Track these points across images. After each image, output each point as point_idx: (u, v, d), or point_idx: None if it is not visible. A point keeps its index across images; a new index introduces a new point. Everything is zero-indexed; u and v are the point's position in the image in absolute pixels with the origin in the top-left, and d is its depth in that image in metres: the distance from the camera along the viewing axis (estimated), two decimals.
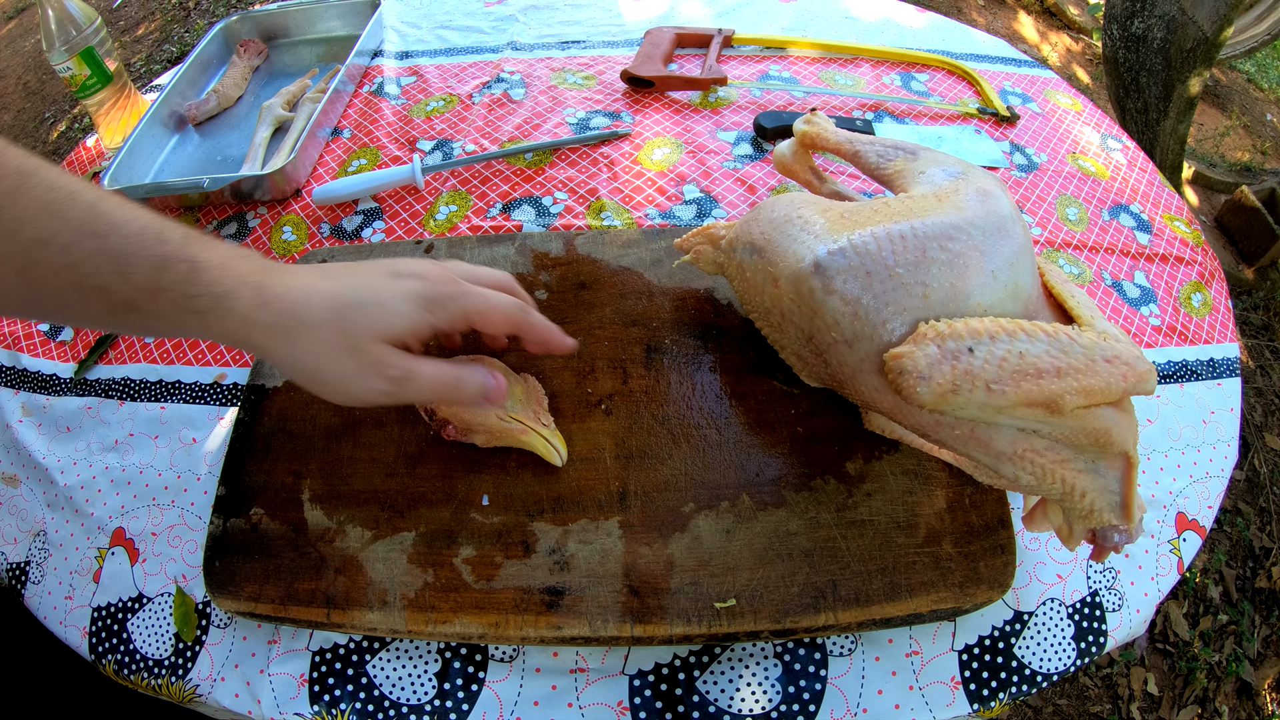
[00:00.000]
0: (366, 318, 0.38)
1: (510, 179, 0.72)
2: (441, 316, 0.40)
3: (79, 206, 0.37)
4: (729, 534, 0.45)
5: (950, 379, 0.36)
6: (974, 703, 0.44)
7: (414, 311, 0.39)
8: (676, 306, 0.55)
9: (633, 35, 0.90)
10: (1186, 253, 0.68)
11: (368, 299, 0.39)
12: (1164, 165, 1.51)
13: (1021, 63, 0.88)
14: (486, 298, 0.42)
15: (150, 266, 0.37)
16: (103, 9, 2.73)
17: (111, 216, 0.37)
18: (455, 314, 0.41)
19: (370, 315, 0.39)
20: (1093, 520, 0.38)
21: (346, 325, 0.38)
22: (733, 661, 0.45)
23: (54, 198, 0.36)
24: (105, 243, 0.36)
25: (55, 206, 0.36)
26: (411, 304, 0.39)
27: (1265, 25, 2.04)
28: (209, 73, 0.88)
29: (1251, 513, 1.34)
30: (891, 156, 0.50)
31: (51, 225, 0.36)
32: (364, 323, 0.38)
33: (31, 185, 0.36)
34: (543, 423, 0.48)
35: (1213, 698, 1.14)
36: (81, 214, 0.37)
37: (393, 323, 0.39)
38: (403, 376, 0.39)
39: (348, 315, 0.38)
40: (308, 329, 0.38)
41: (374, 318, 0.39)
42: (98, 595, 0.51)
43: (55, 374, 0.62)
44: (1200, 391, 0.58)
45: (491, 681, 0.45)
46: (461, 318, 0.41)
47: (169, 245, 0.37)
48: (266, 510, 0.48)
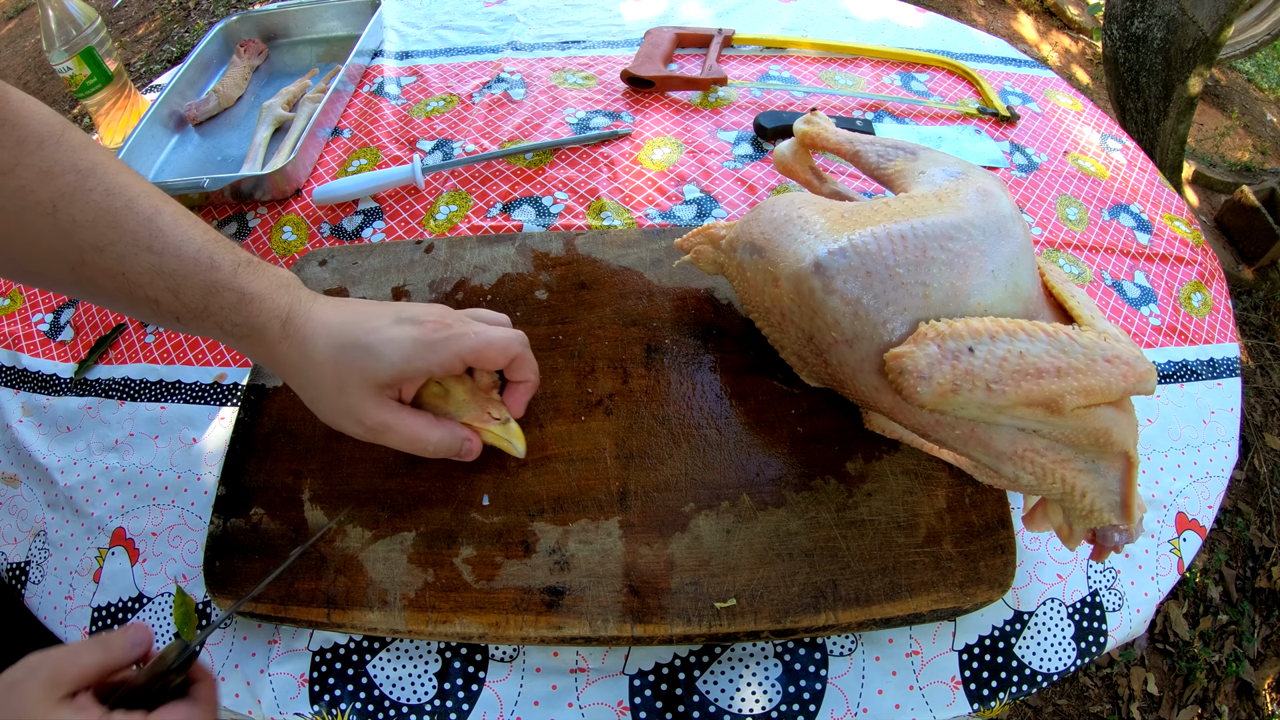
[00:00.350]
0: (357, 363, 0.41)
1: (510, 179, 0.72)
2: (434, 361, 0.42)
3: (137, 218, 0.38)
4: (729, 534, 0.45)
5: (950, 379, 0.36)
6: (974, 703, 0.44)
7: (402, 360, 0.41)
8: (676, 306, 0.55)
9: (633, 35, 0.90)
10: (1186, 253, 0.68)
11: (363, 343, 0.41)
12: (1164, 165, 1.51)
13: (1021, 63, 0.88)
14: (479, 335, 0.43)
15: (201, 292, 0.39)
16: (103, 9, 2.73)
17: (168, 235, 0.38)
18: (448, 356, 0.42)
19: (360, 361, 0.41)
20: (1093, 520, 0.38)
21: (340, 368, 0.40)
22: (733, 661, 0.45)
23: (112, 205, 0.37)
24: (161, 260, 0.38)
25: (113, 215, 0.37)
26: (402, 351, 0.41)
27: (1265, 25, 2.04)
28: (209, 73, 0.88)
29: (1251, 513, 1.34)
30: (891, 156, 0.50)
31: (108, 234, 0.37)
32: (355, 367, 0.41)
33: (90, 187, 0.37)
34: (492, 416, 0.46)
35: (1213, 698, 1.14)
36: (138, 227, 0.38)
37: (379, 370, 0.41)
38: (377, 429, 0.41)
39: (342, 358, 0.41)
40: (313, 364, 0.41)
41: (363, 365, 0.40)
42: (98, 595, 0.51)
43: (55, 374, 0.62)
44: (1200, 391, 0.58)
45: (492, 681, 0.45)
46: (455, 360, 0.42)
47: (220, 273, 0.39)
48: (267, 510, 0.48)
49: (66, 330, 0.65)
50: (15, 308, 0.68)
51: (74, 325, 0.65)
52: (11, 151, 0.36)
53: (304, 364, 0.41)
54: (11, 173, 0.36)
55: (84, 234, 0.37)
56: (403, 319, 0.42)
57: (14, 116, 0.36)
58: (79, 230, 0.37)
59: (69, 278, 0.38)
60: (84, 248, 0.37)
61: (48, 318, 0.67)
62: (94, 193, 0.37)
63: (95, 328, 0.65)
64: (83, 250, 0.37)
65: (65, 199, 0.36)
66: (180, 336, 0.63)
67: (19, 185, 0.36)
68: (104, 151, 0.39)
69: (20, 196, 0.36)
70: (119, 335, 0.64)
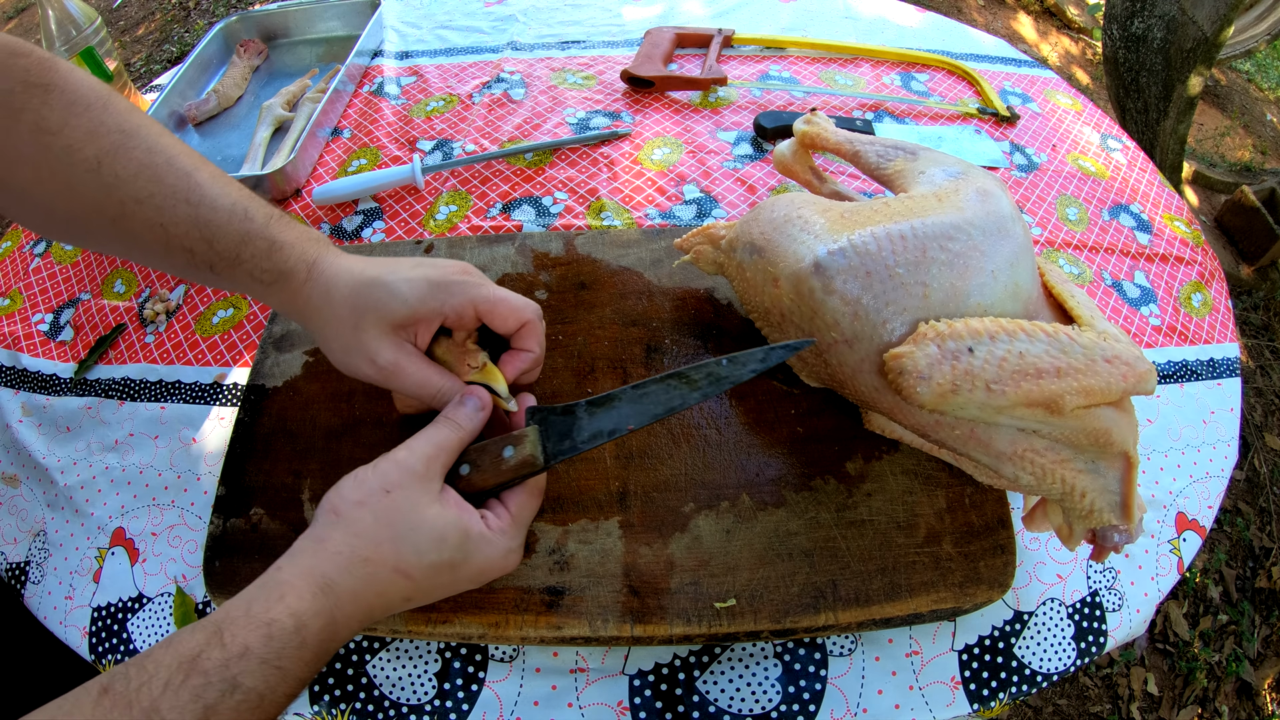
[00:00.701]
0: (374, 299, 0.41)
1: (510, 179, 0.72)
2: (448, 303, 0.42)
3: (176, 173, 0.40)
4: (729, 534, 0.45)
5: (950, 379, 0.36)
6: (974, 703, 0.44)
7: (417, 297, 0.41)
8: (676, 306, 0.55)
9: (633, 35, 0.90)
10: (1186, 253, 0.68)
11: (382, 280, 0.42)
12: (1164, 165, 1.51)
13: (1021, 63, 0.88)
14: (500, 290, 0.44)
15: (234, 240, 0.41)
16: (103, 9, 2.73)
17: (205, 189, 0.41)
18: (463, 302, 0.42)
19: (377, 298, 0.41)
20: (1093, 520, 0.38)
21: (357, 305, 0.41)
22: (733, 661, 0.45)
23: (153, 161, 0.40)
24: (197, 212, 0.40)
25: (154, 170, 0.40)
26: (418, 290, 0.42)
27: (1265, 25, 2.04)
28: (209, 73, 0.88)
29: (1251, 513, 1.34)
30: (891, 156, 0.50)
31: (148, 188, 0.40)
32: (372, 303, 0.41)
33: (132, 146, 0.40)
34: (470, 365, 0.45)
35: (1213, 698, 1.14)
36: (177, 181, 0.40)
37: (395, 308, 0.41)
38: (389, 368, 0.42)
39: (361, 295, 0.41)
40: (331, 304, 0.42)
41: (379, 301, 0.41)
42: (98, 595, 0.51)
43: (55, 374, 0.62)
44: (1200, 391, 0.58)
45: (491, 681, 0.45)
46: (469, 305, 0.42)
47: (253, 223, 0.41)
48: (267, 510, 0.48)
49: (66, 330, 0.65)
50: (15, 308, 0.68)
51: (74, 325, 0.65)
52: (61, 114, 0.38)
53: (323, 304, 0.42)
54: (60, 133, 0.38)
55: (126, 188, 0.39)
56: (423, 264, 0.44)
57: (63, 83, 0.39)
58: (121, 184, 0.39)
59: (109, 230, 0.40)
60: (125, 200, 0.39)
61: (48, 318, 0.67)
62: (136, 150, 0.40)
63: (95, 328, 0.65)
64: (124, 203, 0.39)
65: (109, 156, 0.39)
66: (180, 336, 0.63)
67: (66, 144, 0.38)
68: (147, 117, 0.42)
69: (68, 155, 0.38)
70: (119, 335, 0.64)
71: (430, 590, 0.37)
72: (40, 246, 0.73)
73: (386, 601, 0.36)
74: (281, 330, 0.56)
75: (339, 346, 0.42)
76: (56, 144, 0.38)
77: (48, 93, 0.38)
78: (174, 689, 0.29)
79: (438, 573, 0.36)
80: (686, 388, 0.38)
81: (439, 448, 0.39)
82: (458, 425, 0.40)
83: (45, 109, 0.38)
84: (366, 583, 0.35)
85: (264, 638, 0.31)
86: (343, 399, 0.52)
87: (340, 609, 0.34)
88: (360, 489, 0.36)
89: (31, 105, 0.38)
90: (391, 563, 0.35)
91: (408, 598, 0.36)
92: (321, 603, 0.33)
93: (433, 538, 0.36)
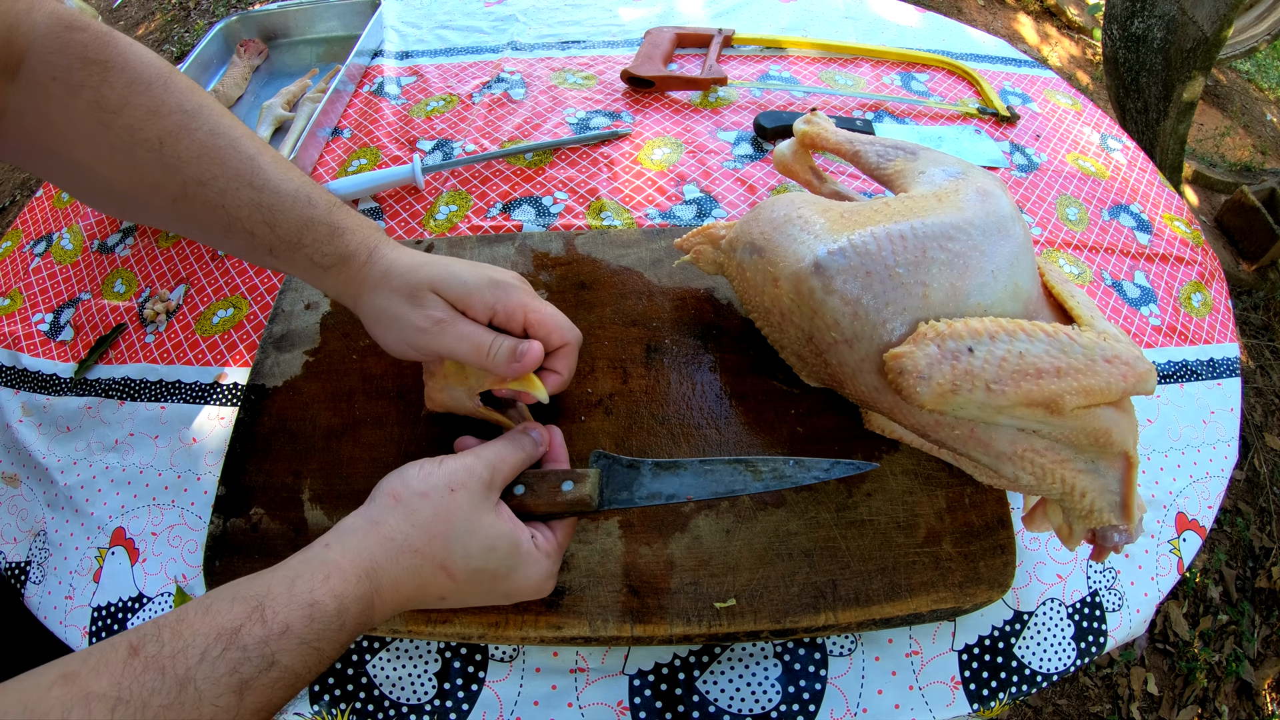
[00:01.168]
0: (433, 276, 0.42)
1: (510, 179, 0.72)
2: (501, 300, 0.43)
3: (239, 156, 0.41)
4: (729, 534, 0.45)
5: (950, 379, 0.36)
6: (974, 703, 0.44)
7: (477, 284, 0.42)
8: (676, 306, 0.55)
9: (633, 35, 0.90)
10: (1186, 253, 0.68)
11: (441, 263, 0.43)
12: (1164, 165, 1.51)
13: (1021, 63, 0.88)
14: (551, 307, 0.44)
15: (297, 225, 0.42)
16: (103, 9, 2.73)
17: (268, 173, 0.41)
18: (515, 305, 0.43)
19: (437, 275, 0.42)
20: (1093, 520, 0.38)
21: (415, 277, 0.42)
22: (733, 661, 0.45)
23: (216, 143, 0.40)
24: (260, 196, 0.41)
25: (218, 153, 0.40)
26: (478, 278, 0.43)
27: (1265, 25, 2.04)
28: (209, 73, 0.88)
29: (1251, 513, 1.34)
30: (891, 156, 0.50)
31: (211, 170, 0.40)
32: (429, 275, 0.42)
33: (195, 127, 0.40)
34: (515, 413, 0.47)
35: (1213, 698, 1.14)
36: (241, 164, 0.41)
37: (453, 284, 0.42)
38: (444, 319, 0.42)
39: (419, 271, 0.42)
40: (388, 281, 0.43)
41: (438, 278, 0.42)
42: (98, 595, 0.51)
43: (55, 374, 0.62)
44: (1200, 391, 0.58)
45: (491, 681, 0.45)
46: (520, 309, 0.43)
47: (316, 209, 0.42)
48: (267, 510, 0.48)
49: (66, 330, 0.65)
50: (15, 308, 0.68)
51: (74, 325, 0.65)
52: (121, 92, 0.38)
53: (381, 281, 0.43)
54: (120, 112, 0.38)
55: (188, 169, 0.40)
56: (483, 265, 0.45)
57: (122, 60, 0.39)
58: (183, 165, 0.39)
59: (169, 210, 0.41)
60: (187, 181, 0.40)
61: (48, 318, 0.67)
62: (199, 131, 0.40)
63: (95, 328, 0.65)
64: (185, 184, 0.40)
65: (172, 136, 0.39)
66: (180, 336, 0.63)
67: (127, 124, 0.38)
68: (207, 96, 0.42)
69: (129, 134, 0.38)
70: (119, 335, 0.64)
71: (467, 595, 0.37)
72: (40, 246, 0.73)
73: (424, 595, 0.36)
74: (281, 330, 0.56)
75: (390, 313, 0.42)
76: (117, 122, 0.38)
77: (107, 70, 0.38)
78: (211, 660, 0.28)
79: (480, 579, 0.36)
80: (750, 476, 0.39)
81: (505, 462, 0.39)
82: (523, 447, 0.41)
83: (105, 87, 0.38)
84: (411, 574, 0.35)
85: (306, 618, 0.31)
86: (343, 399, 0.52)
87: (380, 595, 0.34)
88: (426, 481, 0.37)
89: (90, 82, 0.38)
90: (440, 559, 0.35)
91: (443, 596, 0.36)
92: (365, 587, 0.33)
93: (484, 544, 0.36)
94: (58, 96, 0.37)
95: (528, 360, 0.42)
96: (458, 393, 0.45)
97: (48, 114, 0.38)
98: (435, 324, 0.42)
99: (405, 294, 0.42)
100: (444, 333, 0.42)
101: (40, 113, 0.38)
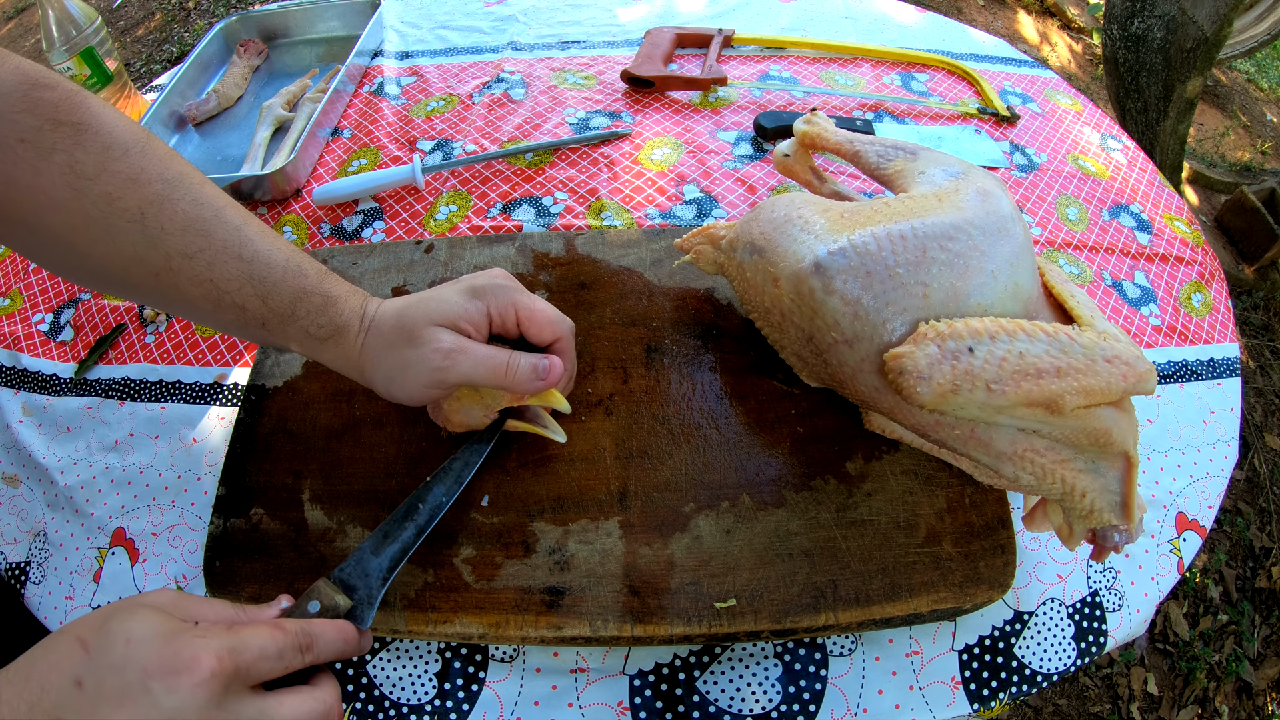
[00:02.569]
0: (422, 310, 0.42)
1: (510, 179, 0.72)
2: (491, 302, 0.42)
3: (225, 228, 0.39)
4: (729, 534, 0.45)
5: (950, 379, 0.36)
6: (974, 703, 0.44)
7: (465, 299, 0.42)
8: (676, 306, 0.55)
9: (633, 35, 0.90)
10: (1186, 253, 0.68)
11: (424, 296, 0.42)
12: (1164, 165, 1.51)
13: (1021, 63, 0.88)
14: (540, 301, 0.44)
15: (290, 297, 0.40)
16: (103, 9, 2.73)
17: (256, 244, 0.40)
18: (505, 304, 0.43)
19: (424, 308, 0.42)
20: (1093, 520, 0.38)
21: (405, 320, 0.41)
22: (733, 661, 0.45)
23: (200, 214, 0.39)
24: (251, 268, 0.39)
25: (202, 224, 0.39)
26: (464, 294, 0.42)
27: (1265, 25, 2.04)
28: (209, 73, 0.88)
29: (1251, 513, 1.34)
30: (891, 156, 0.50)
31: (197, 242, 0.38)
32: (419, 313, 0.41)
33: (178, 197, 0.38)
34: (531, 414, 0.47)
35: (1213, 698, 1.14)
36: (228, 236, 0.39)
37: (443, 309, 0.41)
38: (454, 349, 0.41)
39: (407, 313, 0.42)
40: (383, 336, 0.42)
41: (427, 308, 0.42)
42: (98, 595, 0.51)
43: (55, 374, 0.62)
44: (1200, 391, 0.58)
45: (492, 681, 0.45)
46: (511, 308, 0.43)
47: (308, 280, 0.41)
48: (267, 510, 0.48)
49: (66, 330, 0.65)
50: (15, 308, 0.68)
51: (74, 325, 0.65)
52: (97, 157, 0.36)
53: (376, 340, 0.42)
54: (97, 178, 0.36)
55: (172, 241, 0.38)
56: (463, 279, 0.44)
57: (96, 122, 0.37)
58: (167, 238, 0.38)
59: (151, 284, 0.39)
60: (171, 254, 0.38)
61: (48, 318, 0.67)
62: (182, 202, 0.38)
63: (95, 328, 0.65)
64: (170, 257, 0.38)
65: (154, 206, 0.37)
66: (180, 336, 0.63)
67: (105, 191, 0.36)
68: (187, 164, 0.40)
69: (107, 203, 0.36)
70: (119, 335, 0.64)
71: None
72: None
73: None
74: None
75: (397, 365, 0.41)
76: (94, 190, 0.36)
77: (79, 132, 0.36)
78: None
79: None
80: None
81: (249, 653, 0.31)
82: (283, 638, 0.32)
83: (79, 150, 0.36)
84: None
85: None
86: (343, 399, 0.52)
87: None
88: None
89: (63, 146, 0.35)
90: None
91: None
92: None
93: None
94: (26, 160, 0.35)
95: (551, 377, 0.42)
96: (474, 411, 0.46)
97: (15, 178, 0.35)
98: (446, 356, 0.40)
99: (405, 340, 0.41)
100: (459, 361, 0.40)
101: (7, 177, 0.35)
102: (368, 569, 0.38)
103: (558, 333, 0.44)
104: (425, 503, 0.42)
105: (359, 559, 0.39)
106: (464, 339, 0.41)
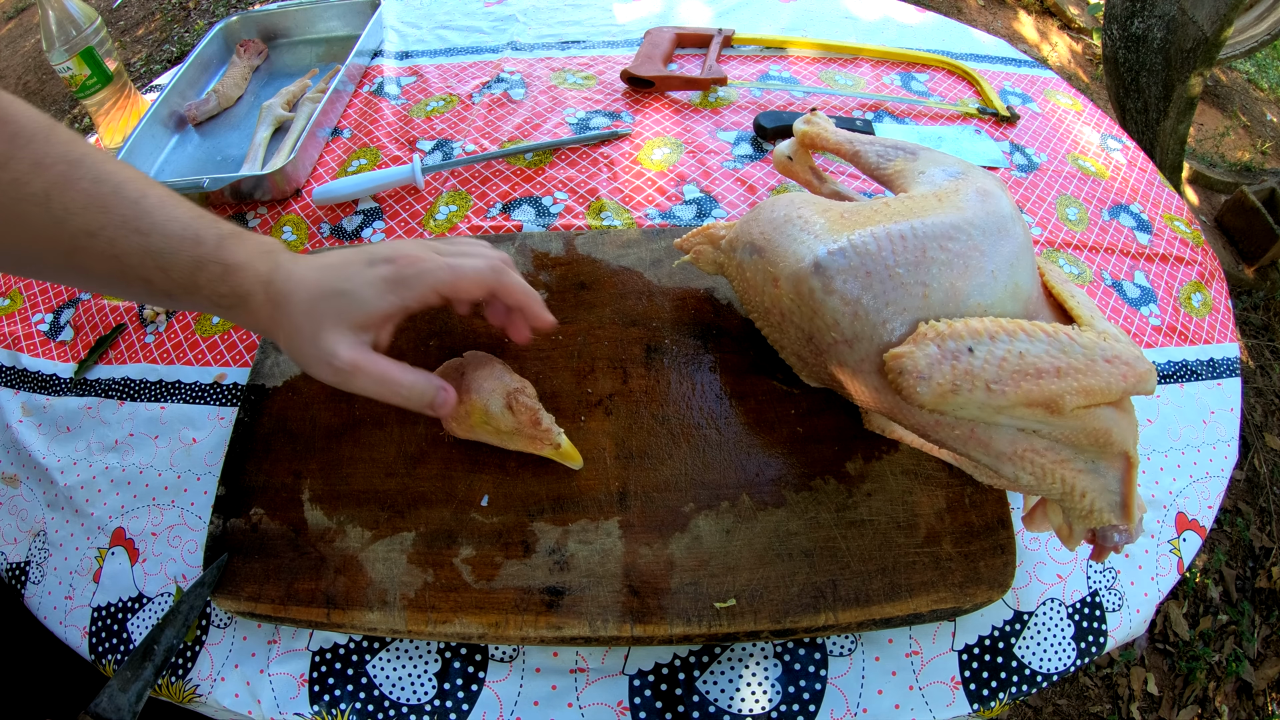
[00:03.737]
0: (333, 308, 0.41)
1: (510, 179, 0.72)
2: (408, 296, 0.42)
3: (124, 202, 0.39)
4: (729, 534, 0.45)
5: (950, 379, 0.36)
6: (974, 703, 0.44)
7: (378, 297, 0.41)
8: (676, 306, 0.55)
9: (633, 35, 0.90)
10: (1186, 253, 0.68)
11: (338, 289, 0.41)
12: (1164, 165, 1.51)
13: (1021, 63, 0.88)
14: (453, 267, 0.43)
15: (188, 267, 0.40)
16: (103, 9, 2.73)
17: (154, 215, 0.40)
18: (422, 291, 0.42)
19: (336, 305, 0.41)
20: (1093, 520, 0.38)
21: (315, 314, 0.41)
22: (733, 661, 0.45)
23: (100, 191, 0.39)
24: (149, 240, 0.39)
25: (101, 200, 0.39)
26: (376, 290, 0.41)
27: (1265, 25, 2.04)
28: (209, 73, 0.88)
29: (1251, 513, 1.34)
30: (891, 156, 0.50)
31: (98, 219, 0.38)
32: (331, 312, 0.41)
33: (79, 176, 0.38)
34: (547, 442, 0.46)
35: (1213, 698, 1.14)
36: (127, 210, 0.39)
37: (354, 311, 0.41)
38: (347, 369, 0.40)
39: (317, 305, 0.41)
40: (291, 318, 0.41)
41: (338, 307, 0.41)
42: (98, 595, 0.51)
43: (55, 374, 0.62)
44: (1200, 391, 0.58)
45: (491, 681, 0.45)
46: (430, 292, 0.42)
47: (204, 247, 0.40)
48: (266, 510, 0.48)
49: (66, 330, 0.65)
50: (15, 308, 0.68)
51: (74, 325, 0.65)
52: (5, 146, 0.37)
53: (283, 320, 0.41)
54: (6, 166, 0.37)
55: (76, 221, 0.38)
56: (376, 260, 0.42)
57: (4, 114, 0.37)
58: (71, 217, 0.38)
59: (63, 264, 0.39)
60: (76, 234, 0.38)
61: (48, 318, 0.67)
62: (83, 180, 0.38)
63: (95, 328, 0.65)
64: (75, 237, 0.38)
65: (58, 188, 0.37)
66: (180, 336, 0.63)
67: (13, 178, 0.37)
68: (90, 145, 0.40)
69: (15, 188, 0.37)
70: (119, 335, 0.64)
71: None
72: None
73: None
74: None
75: (301, 359, 0.41)
76: (3, 178, 0.36)
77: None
78: None
79: None
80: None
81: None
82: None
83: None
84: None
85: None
86: (343, 399, 0.52)
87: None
88: None
89: None
90: None
91: None
92: None
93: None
94: None
95: (443, 411, 0.43)
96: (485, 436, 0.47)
97: None
98: (338, 373, 0.40)
99: (308, 337, 0.40)
100: (353, 380, 0.41)
101: None
102: (119, 704, 0.41)
103: (485, 284, 0.43)
104: (160, 644, 0.44)
105: (110, 695, 0.41)
106: (364, 353, 0.41)
